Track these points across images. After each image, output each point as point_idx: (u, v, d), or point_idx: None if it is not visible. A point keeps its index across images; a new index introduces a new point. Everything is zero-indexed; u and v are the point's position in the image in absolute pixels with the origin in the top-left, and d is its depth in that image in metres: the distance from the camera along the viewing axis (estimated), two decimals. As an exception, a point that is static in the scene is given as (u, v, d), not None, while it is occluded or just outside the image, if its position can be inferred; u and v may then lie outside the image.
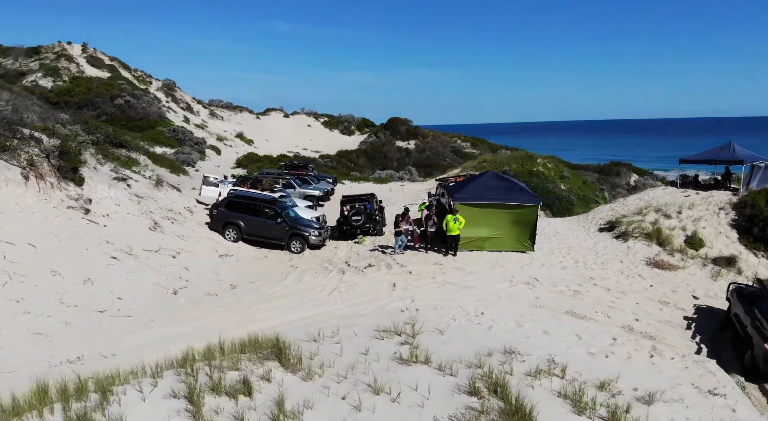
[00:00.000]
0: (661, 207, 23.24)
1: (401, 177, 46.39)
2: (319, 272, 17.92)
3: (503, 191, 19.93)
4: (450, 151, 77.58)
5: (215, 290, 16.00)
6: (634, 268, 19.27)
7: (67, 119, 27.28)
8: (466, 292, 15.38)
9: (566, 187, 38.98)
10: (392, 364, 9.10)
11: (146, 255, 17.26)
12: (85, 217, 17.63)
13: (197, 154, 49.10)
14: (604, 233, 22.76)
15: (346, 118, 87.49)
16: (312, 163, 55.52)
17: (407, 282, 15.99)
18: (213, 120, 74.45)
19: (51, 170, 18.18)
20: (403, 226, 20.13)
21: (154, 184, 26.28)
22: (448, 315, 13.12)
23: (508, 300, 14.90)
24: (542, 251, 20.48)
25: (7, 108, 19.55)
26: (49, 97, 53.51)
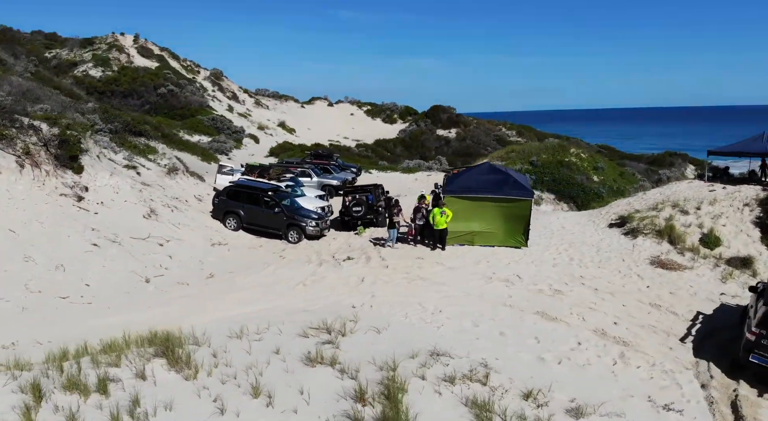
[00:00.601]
0: (678, 202, 21.70)
1: (430, 167, 45.65)
2: (300, 263, 17.79)
3: (495, 184, 19.10)
4: (493, 140, 75.81)
5: (190, 279, 16.15)
6: (635, 267, 18.09)
7: (89, 108, 28.25)
8: (434, 288, 14.85)
9: (599, 179, 37.22)
10: (296, 365, 8.82)
11: (131, 243, 17.63)
12: (76, 204, 18.16)
13: (233, 142, 50.04)
14: (614, 229, 21.47)
15: (389, 107, 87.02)
16: (347, 152, 55.61)
17: (378, 277, 15.60)
18: (258, 109, 75.75)
19: (48, 158, 18.81)
20: (395, 218, 19.70)
21: (166, 172, 26.90)
22: (402, 312, 12.68)
23: (476, 298, 14.28)
24: (539, 246, 19.55)
25: (7, 99, 20.29)
26: (97, 86, 55.88)
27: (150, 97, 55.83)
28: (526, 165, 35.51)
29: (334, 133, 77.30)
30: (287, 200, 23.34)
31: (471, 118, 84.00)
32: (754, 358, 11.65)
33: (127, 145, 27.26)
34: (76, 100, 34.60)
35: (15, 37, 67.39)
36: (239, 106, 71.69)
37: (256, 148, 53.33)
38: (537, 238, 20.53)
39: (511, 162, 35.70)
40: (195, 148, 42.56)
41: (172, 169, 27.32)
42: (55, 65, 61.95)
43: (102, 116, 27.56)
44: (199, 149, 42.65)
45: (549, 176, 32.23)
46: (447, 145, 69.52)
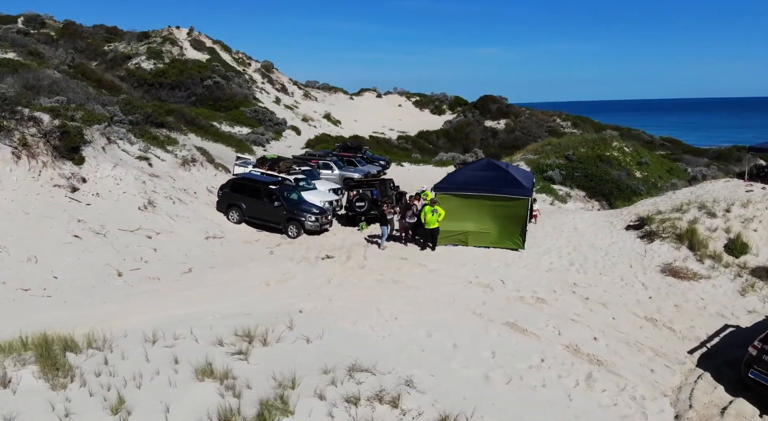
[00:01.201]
0: (706, 203, 19.64)
1: (465, 160, 44.11)
2: (282, 261, 17.31)
3: (490, 181, 17.86)
4: (545, 132, 72.95)
5: (165, 274, 15.98)
6: (642, 275, 16.47)
7: (111, 100, 28.89)
8: (403, 293, 13.96)
9: (642, 175, 34.81)
10: (186, 378, 8.25)
11: (117, 235, 17.69)
12: (69, 195, 18.41)
13: (272, 134, 50.38)
14: (630, 232, 19.70)
15: (438, 97, 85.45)
16: (386, 144, 54.88)
17: (348, 278, 14.86)
18: (306, 101, 76.15)
19: (47, 150, 19.16)
20: (388, 215, 18.87)
21: (180, 163, 27.09)
22: (352, 319, 11.90)
23: (443, 305, 13.28)
24: (539, 249, 18.19)
25: (9, 90, 20.80)
26: (147, 78, 57.67)
27: (196, 89, 57.09)
28: (560, 159, 33.61)
29: (379, 125, 76.68)
30: (293, 194, 22.95)
31: (524, 109, 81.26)
32: (753, 374, 10.67)
33: (146, 137, 27.64)
34: (108, 92, 35.64)
35: (77, 31, 70.72)
36: (287, 98, 72.28)
37: (296, 140, 53.54)
38: (542, 239, 19.16)
39: (545, 156, 33.92)
40: (230, 139, 43.05)
41: (188, 161, 27.52)
42: (111, 58, 64.47)
43: (123, 108, 28.06)
44: (234, 140, 43.11)
45: (580, 171, 30.25)
46: (494, 137, 67.43)
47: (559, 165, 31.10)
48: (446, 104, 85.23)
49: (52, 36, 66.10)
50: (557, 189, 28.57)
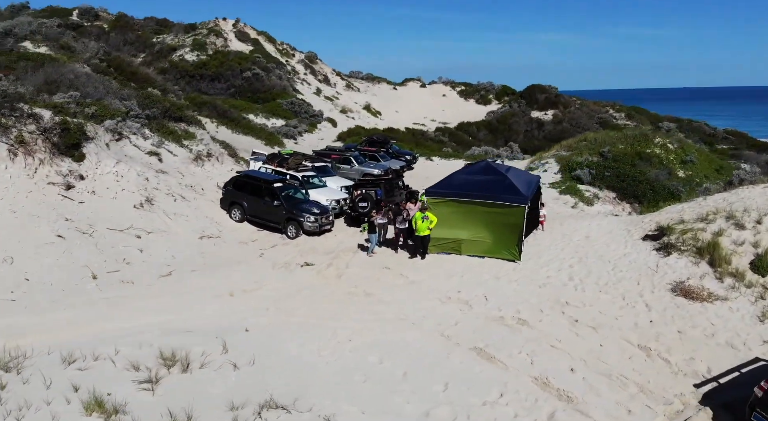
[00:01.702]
0: (735, 213, 17.64)
1: (499, 154, 42.39)
2: (264, 266, 16.71)
3: (486, 186, 16.57)
4: (596, 123, 69.69)
5: (141, 278, 15.67)
6: (649, 294, 14.89)
7: (130, 94, 29.07)
8: (371, 309, 13.04)
9: (686, 175, 32.29)
10: (72, 411, 7.70)
11: (105, 234, 17.56)
12: (63, 193, 18.43)
13: (306, 126, 50.10)
14: (647, 242, 17.96)
15: (483, 87, 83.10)
16: (421, 136, 53.63)
17: (318, 290, 14.08)
18: (348, 92, 75.68)
19: (45, 147, 19.27)
20: (377, 220, 17.95)
21: (193, 159, 27.01)
22: (300, 340, 11.09)
23: (409, 324, 12.29)
24: (539, 260, 16.81)
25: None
26: (189, 70, 58.56)
27: (236, 80, 57.49)
28: (594, 157, 31.59)
29: (421, 116, 75.33)
30: (296, 193, 22.37)
31: (574, 99, 77.86)
32: (755, 417, 9.42)
33: (163, 131, 27.68)
34: (138, 86, 36.10)
35: (129, 24, 72.71)
36: (329, 89, 71.98)
37: (331, 132, 53.06)
38: (546, 249, 17.75)
39: (578, 153, 31.96)
40: (261, 132, 43.03)
41: (202, 156, 27.41)
42: (158, 50, 65.89)
43: (141, 102, 28.18)
44: (264, 133, 43.07)
45: (612, 171, 28.21)
46: (539, 129, 64.87)
47: (590, 163, 29.13)
48: (492, 94, 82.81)
49: (104, 28, 68.24)
50: (584, 190, 26.75)
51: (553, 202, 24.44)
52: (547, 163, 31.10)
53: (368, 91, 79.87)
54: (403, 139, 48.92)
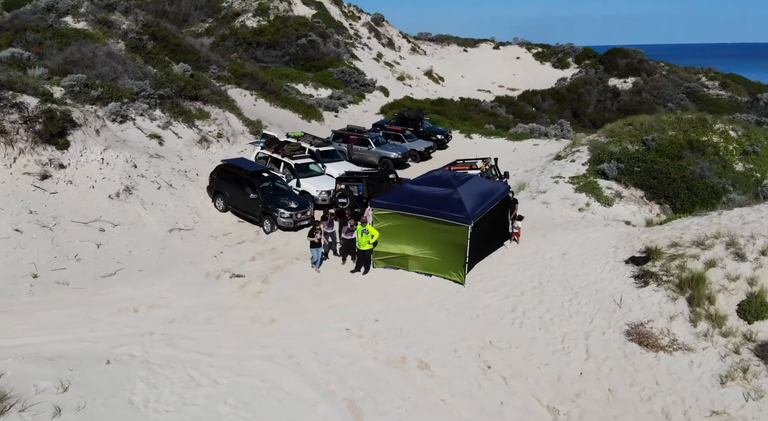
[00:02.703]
0: (738, 239, 14.88)
1: (545, 133, 39.12)
2: (198, 272, 16.26)
3: (432, 200, 14.98)
4: (682, 93, 63.12)
5: (81, 278, 15.76)
6: (597, 336, 13.00)
7: (146, 73, 29.29)
8: (265, 340, 12.23)
9: (745, 169, 28.25)
10: None
11: (67, 227, 17.89)
12: (37, 183, 18.92)
13: (352, 97, 48.97)
14: (628, 267, 15.64)
15: (562, 49, 77.34)
16: (474, 108, 50.83)
17: (224, 312, 13.39)
18: (413, 56, 73.24)
19: (28, 135, 19.79)
20: (322, 229, 16.69)
21: (197, 141, 27.04)
22: (154, 381, 10.45)
23: (291, 366, 11.35)
24: (489, 283, 15.14)
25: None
26: (246, 37, 58.80)
27: (290, 48, 57.04)
28: (636, 145, 28.29)
29: (488, 81, 71.67)
30: (276, 185, 21.72)
31: (661, 64, 70.69)
32: None
33: (175, 111, 27.83)
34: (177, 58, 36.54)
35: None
36: (391, 53, 69.92)
37: (381, 103, 51.43)
38: (505, 268, 16.02)
39: (616, 140, 28.75)
40: (299, 105, 42.49)
41: (207, 138, 27.38)
42: (223, 16, 66.67)
43: (156, 82, 28.37)
44: (302, 107, 42.51)
45: (643, 165, 25.01)
46: (613, 99, 59.58)
47: (624, 154, 25.99)
48: (572, 57, 76.99)
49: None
50: (606, 187, 23.96)
51: (560, 204, 22.13)
52: (578, 151, 28.17)
53: (435, 55, 76.86)
54: (451, 112, 46.53)
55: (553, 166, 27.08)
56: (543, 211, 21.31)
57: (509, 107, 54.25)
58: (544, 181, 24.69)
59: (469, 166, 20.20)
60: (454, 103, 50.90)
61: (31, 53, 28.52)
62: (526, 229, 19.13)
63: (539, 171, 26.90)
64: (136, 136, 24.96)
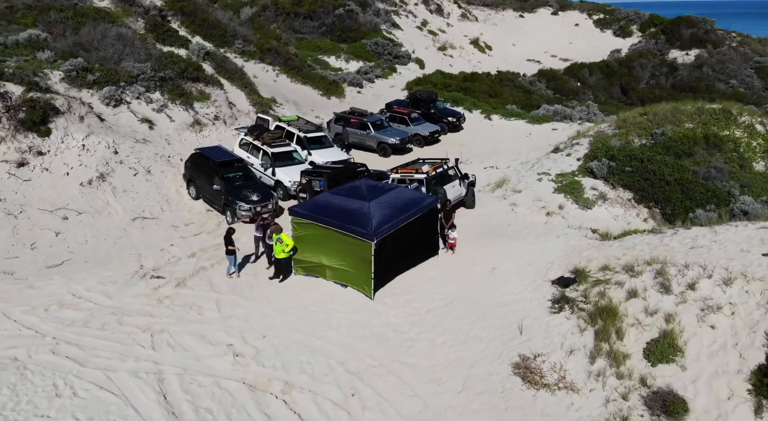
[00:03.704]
0: (668, 268, 13.67)
1: (570, 115, 36.85)
2: (128, 271, 16.74)
3: (343, 213, 14.71)
4: (750, 69, 57.56)
5: (28, 268, 16.69)
6: (483, 367, 12.55)
7: (155, 54, 30.00)
8: (139, 353, 12.44)
9: (766, 169, 25.72)
10: None
11: (32, 215, 19.03)
12: (12, 171, 20.15)
13: (380, 71, 48.18)
14: (552, 289, 14.78)
15: (625, 15, 71.98)
16: (508, 83, 48.68)
17: (112, 320, 13.63)
18: (462, 23, 70.61)
19: (10, 124, 20.99)
20: (256, 235, 16.67)
21: (190, 124, 27.72)
22: (11, 391, 10.96)
23: (141, 383, 11.46)
24: (402, 298, 14.85)
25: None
26: (286, 7, 58.67)
27: (327, 18, 56.40)
28: (644, 138, 26.32)
29: (541, 50, 68.14)
30: (242, 175, 21.90)
31: (733, 34, 64.49)
32: None
33: (175, 93, 28.54)
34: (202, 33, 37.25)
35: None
36: (438, 20, 67.73)
37: (412, 76, 50.17)
38: (424, 283, 15.66)
39: (623, 132, 26.84)
40: (320, 81, 42.34)
41: (200, 121, 27.98)
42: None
43: (153, 65, 29.05)
44: (323, 83, 42.34)
45: (635, 165, 23.21)
46: (669, 75, 55.17)
47: (618, 151, 24.22)
48: (636, 24, 71.68)
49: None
50: (591, 187, 22.49)
51: (529, 206, 21.05)
52: (578, 144, 26.48)
53: (488, 21, 73.72)
54: (481, 88, 44.72)
55: (546, 159, 25.73)
56: (505, 215, 20.41)
57: (550, 82, 51.52)
58: (527, 179, 23.55)
59: (415, 169, 19.48)
60: (487, 78, 48.95)
61: (49, 34, 29.95)
62: (474, 236, 18.53)
63: (530, 165, 25.65)
64: (127, 120, 25.90)
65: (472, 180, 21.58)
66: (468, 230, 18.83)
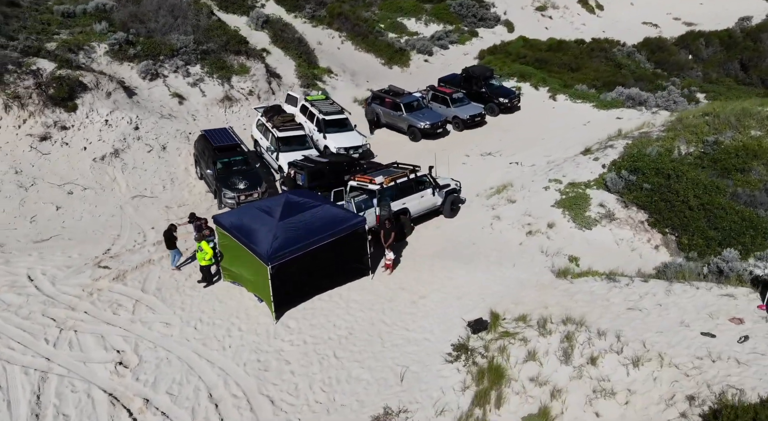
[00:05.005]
0: (580, 334, 12.04)
1: (645, 101, 32.35)
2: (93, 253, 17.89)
3: (252, 231, 14.57)
4: None
5: (18, 241, 18.59)
6: (340, 416, 12.16)
7: (197, 26, 30.74)
8: (30, 354, 13.33)
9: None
10: None
11: (41, 188, 20.95)
12: (34, 144, 22.20)
13: (456, 36, 45.71)
14: (463, 332, 13.69)
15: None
16: (599, 53, 43.88)
17: (44, 311, 14.58)
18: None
19: (39, 99, 23.01)
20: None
21: (220, 99, 28.51)
22: None
23: (11, 389, 12.49)
24: (306, 323, 14.57)
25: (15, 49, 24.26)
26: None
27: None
28: (692, 145, 22.88)
29: (663, 12, 60.20)
30: (236, 161, 22.19)
31: None
32: None
33: (215, 66, 29.38)
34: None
35: None
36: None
37: (495, 41, 46.77)
38: (345, 305, 15.31)
39: (670, 137, 23.47)
40: (384, 49, 41.16)
41: (231, 97, 28.63)
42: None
43: (199, 36, 29.86)
44: (388, 51, 41.13)
45: (655, 182, 20.16)
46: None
47: (646, 161, 21.13)
48: (791, -16, 60.58)
49: None
50: (598, 204, 20.00)
51: (512, 222, 19.18)
52: (612, 146, 23.42)
53: (608, -23, 66.20)
54: (561, 60, 40.76)
55: (570, 162, 23.28)
56: (480, 230, 18.92)
57: (654, 54, 45.75)
58: (532, 186, 21.53)
59: (370, 179, 18.37)
60: (576, 47, 44.54)
61: (116, 2, 31.92)
62: (428, 255, 17.56)
63: (549, 167, 23.40)
64: (160, 94, 27.27)
65: (453, 188, 20.18)
66: (426, 246, 17.91)
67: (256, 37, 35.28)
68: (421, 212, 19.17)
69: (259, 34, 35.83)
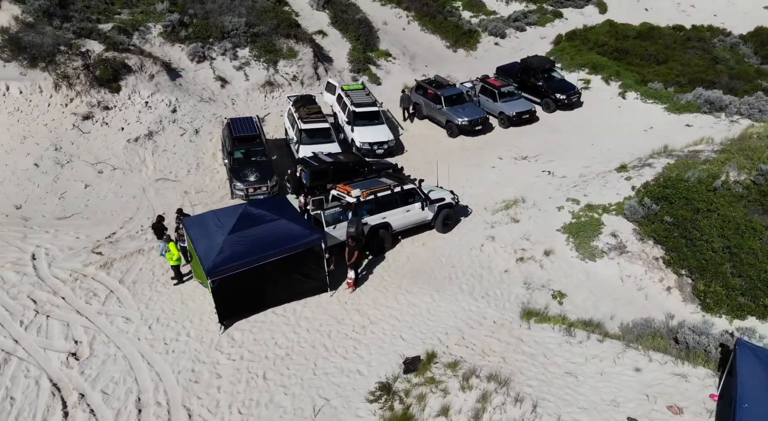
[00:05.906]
0: (497, 395, 11.16)
1: (725, 106, 28.38)
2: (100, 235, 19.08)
3: (204, 239, 14.73)
4: None
5: (42, 216, 20.24)
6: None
7: (256, 7, 30.89)
8: None
9: None
10: None
11: (75, 166, 22.60)
12: (77, 123, 23.89)
13: (536, 16, 42.80)
14: (396, 369, 13.17)
15: None
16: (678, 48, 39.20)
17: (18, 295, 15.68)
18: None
19: (86, 79, 24.63)
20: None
21: (261, 85, 28.91)
22: None
23: None
24: (251, 336, 14.72)
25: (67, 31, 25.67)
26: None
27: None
28: (744, 173, 20.12)
29: None
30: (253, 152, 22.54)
31: None
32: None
33: (265, 49, 29.78)
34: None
35: None
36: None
37: (576, 24, 43.15)
38: (295, 322, 15.33)
39: (721, 160, 20.77)
40: (451, 30, 39.50)
41: (273, 82, 28.91)
42: None
43: (252, 19, 30.17)
44: (455, 32, 39.45)
45: (679, 214, 17.83)
46: None
47: (676, 190, 18.78)
48: None
49: None
50: (612, 232, 18.21)
51: (504, 244, 17.89)
52: (650, 166, 20.99)
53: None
54: (646, 49, 36.74)
55: (598, 180, 21.36)
56: (468, 251, 17.91)
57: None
58: (547, 204, 20.02)
59: (348, 190, 17.66)
60: (667, 36, 40.06)
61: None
62: (398, 275, 17.03)
63: (574, 183, 21.61)
64: (204, 77, 28.20)
65: (448, 202, 19.17)
66: (402, 264, 17.39)
67: (315, 17, 35.21)
68: (407, 226, 18.51)
69: (319, 14, 35.69)
